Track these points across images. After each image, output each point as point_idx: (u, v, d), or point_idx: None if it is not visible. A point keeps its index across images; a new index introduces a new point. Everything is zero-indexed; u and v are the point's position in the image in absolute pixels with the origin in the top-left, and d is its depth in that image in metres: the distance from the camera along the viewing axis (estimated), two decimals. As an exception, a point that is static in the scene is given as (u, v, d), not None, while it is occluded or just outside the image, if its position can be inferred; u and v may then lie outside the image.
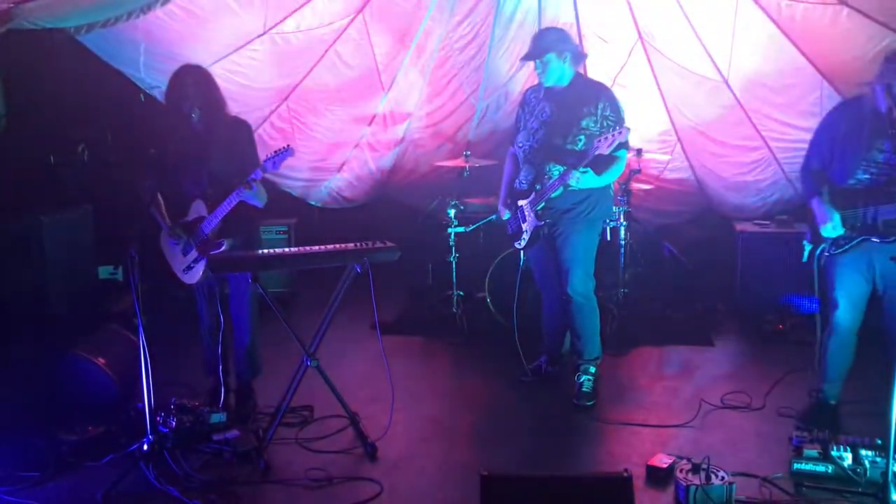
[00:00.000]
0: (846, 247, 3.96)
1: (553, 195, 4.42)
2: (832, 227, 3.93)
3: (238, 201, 4.19)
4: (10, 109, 6.56)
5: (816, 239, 4.08)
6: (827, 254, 4.04)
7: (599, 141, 4.18)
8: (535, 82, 4.66)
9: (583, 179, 4.29)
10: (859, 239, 3.91)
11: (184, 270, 4.37)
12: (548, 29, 4.64)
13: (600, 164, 4.33)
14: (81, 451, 3.96)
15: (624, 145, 4.36)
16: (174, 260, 4.43)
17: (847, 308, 4.08)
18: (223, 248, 4.25)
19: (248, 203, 4.24)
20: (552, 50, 4.38)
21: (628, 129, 4.20)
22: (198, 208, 4.31)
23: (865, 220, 3.87)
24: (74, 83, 6.62)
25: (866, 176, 3.87)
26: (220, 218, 4.24)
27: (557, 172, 4.38)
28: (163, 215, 4.39)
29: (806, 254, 4.17)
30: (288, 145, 4.25)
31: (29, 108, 6.56)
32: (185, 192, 4.35)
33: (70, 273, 6.11)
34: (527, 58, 4.52)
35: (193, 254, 4.30)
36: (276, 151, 4.20)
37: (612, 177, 4.49)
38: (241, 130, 4.42)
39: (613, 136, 4.15)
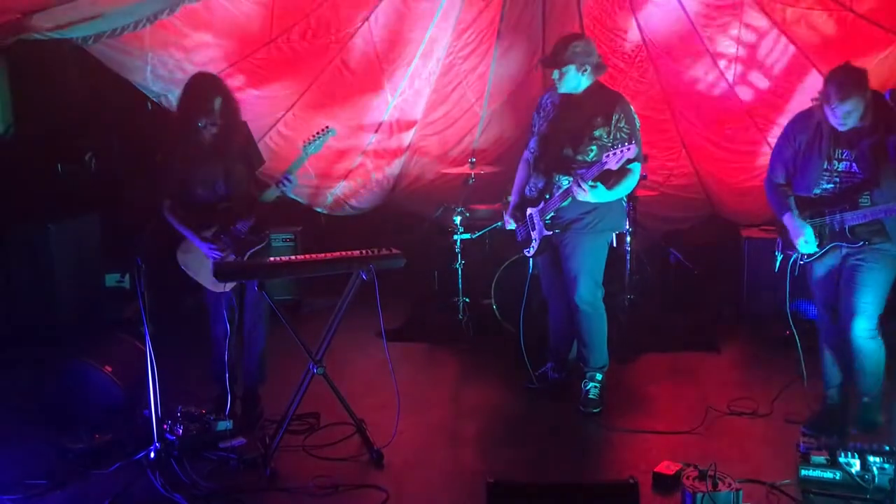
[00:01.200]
0: (819, 253, 4.04)
1: (562, 205, 4.41)
2: (805, 242, 4.00)
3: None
4: (18, 118, 6.62)
5: (788, 249, 4.15)
6: (801, 262, 4.13)
7: (608, 156, 4.16)
8: (543, 91, 4.65)
9: (591, 193, 4.24)
10: (829, 246, 3.99)
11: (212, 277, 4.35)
12: (573, 38, 4.50)
13: (611, 177, 4.30)
14: (88, 459, 3.97)
15: (637, 158, 4.33)
16: (203, 271, 4.33)
17: (826, 312, 4.17)
18: (266, 241, 4.29)
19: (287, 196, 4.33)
20: (574, 63, 4.36)
21: (636, 146, 4.17)
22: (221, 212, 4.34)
23: (833, 228, 3.95)
24: (82, 92, 6.67)
25: (830, 185, 3.95)
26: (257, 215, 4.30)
27: (566, 183, 4.36)
28: (189, 226, 4.30)
29: (777, 263, 4.26)
30: (328, 126, 4.30)
31: (36, 117, 6.62)
32: (198, 199, 4.34)
33: (77, 281, 6.14)
34: (547, 64, 4.50)
35: (230, 258, 4.30)
36: (315, 134, 4.25)
37: (623, 191, 4.44)
38: (247, 131, 4.46)
39: (622, 151, 4.11)
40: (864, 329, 3.96)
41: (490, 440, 4.37)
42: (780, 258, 4.25)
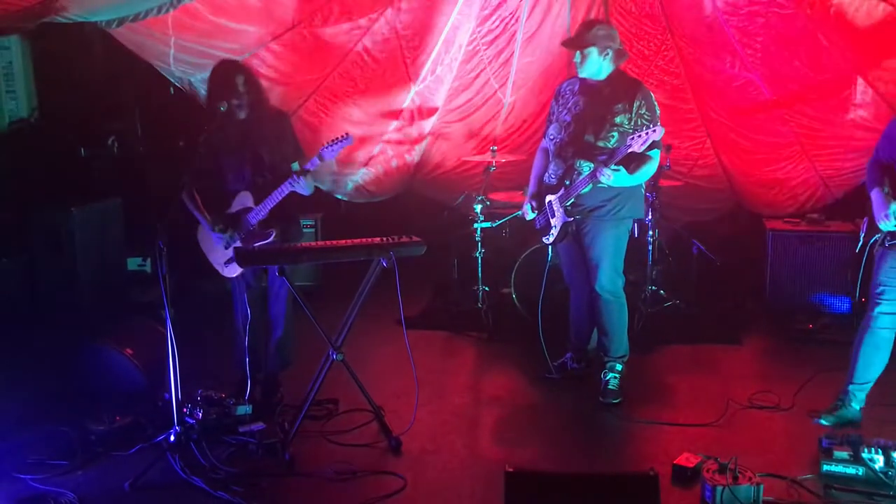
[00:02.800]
0: None
1: (582, 191, 4.38)
2: (886, 219, 3.86)
3: (289, 191, 4.23)
4: (42, 102, 6.67)
5: (872, 230, 4.01)
6: (881, 246, 3.97)
7: (632, 138, 4.13)
8: (566, 77, 4.61)
9: (614, 177, 4.23)
10: None
11: (225, 263, 4.38)
12: (595, 22, 4.51)
13: (632, 162, 4.28)
14: (109, 441, 4.01)
15: (657, 144, 4.31)
16: (214, 254, 4.44)
17: (891, 305, 4.00)
18: (272, 238, 4.29)
19: (298, 193, 4.27)
20: (596, 45, 4.33)
21: (662, 128, 4.15)
22: (243, 200, 4.34)
23: None
24: (105, 76, 6.70)
25: None
26: (269, 208, 4.28)
27: (587, 169, 4.34)
28: (201, 210, 4.39)
29: (860, 245, 4.09)
30: (347, 133, 4.32)
31: (60, 102, 6.66)
32: (228, 185, 4.38)
33: (99, 264, 6.18)
34: (568, 45, 4.47)
35: (237, 244, 4.32)
36: (333, 140, 4.26)
37: (644, 176, 4.43)
38: (284, 122, 4.47)
39: (647, 133, 4.10)
40: None
41: (509, 429, 4.36)
42: (862, 239, 4.08)
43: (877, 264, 4.03)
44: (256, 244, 4.27)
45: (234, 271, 4.36)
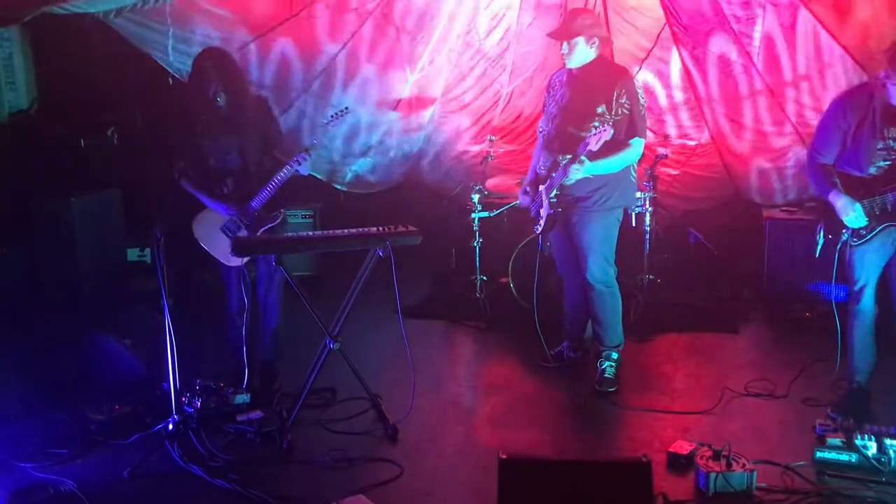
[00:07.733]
0: (868, 237, 3.93)
1: (565, 182, 4.37)
2: (856, 218, 3.89)
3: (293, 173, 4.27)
4: (42, 93, 6.68)
5: (834, 231, 4.04)
6: (850, 247, 4.00)
7: (589, 136, 4.14)
8: (562, 67, 4.62)
9: (582, 171, 4.23)
10: (882, 227, 3.88)
11: (231, 253, 4.38)
12: (581, 11, 4.50)
13: (601, 153, 4.25)
14: (109, 430, 4.03)
15: (639, 132, 4.33)
16: (219, 246, 4.39)
17: (872, 296, 4.06)
18: (279, 220, 4.31)
19: (300, 173, 4.32)
20: (583, 34, 4.32)
21: (612, 129, 4.13)
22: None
23: (885, 208, 3.85)
24: (104, 67, 6.71)
25: (886, 163, 3.84)
26: (272, 192, 4.30)
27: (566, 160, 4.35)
28: (202, 190, 4.38)
29: (819, 248, 4.14)
30: (346, 107, 4.40)
31: (59, 92, 6.68)
32: (210, 171, 4.38)
33: (99, 254, 6.21)
34: (555, 36, 4.46)
35: (243, 233, 4.33)
36: (333, 114, 4.29)
37: (618, 165, 4.39)
38: (264, 106, 4.48)
39: (599, 133, 4.10)
40: None
41: (504, 417, 4.38)
42: (821, 242, 4.12)
43: (850, 263, 4.06)
44: (264, 228, 4.30)
45: (240, 259, 4.35)
